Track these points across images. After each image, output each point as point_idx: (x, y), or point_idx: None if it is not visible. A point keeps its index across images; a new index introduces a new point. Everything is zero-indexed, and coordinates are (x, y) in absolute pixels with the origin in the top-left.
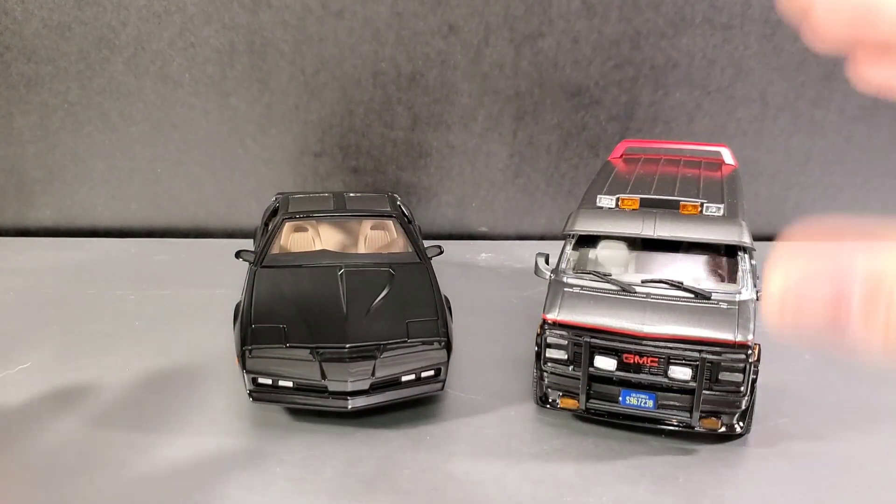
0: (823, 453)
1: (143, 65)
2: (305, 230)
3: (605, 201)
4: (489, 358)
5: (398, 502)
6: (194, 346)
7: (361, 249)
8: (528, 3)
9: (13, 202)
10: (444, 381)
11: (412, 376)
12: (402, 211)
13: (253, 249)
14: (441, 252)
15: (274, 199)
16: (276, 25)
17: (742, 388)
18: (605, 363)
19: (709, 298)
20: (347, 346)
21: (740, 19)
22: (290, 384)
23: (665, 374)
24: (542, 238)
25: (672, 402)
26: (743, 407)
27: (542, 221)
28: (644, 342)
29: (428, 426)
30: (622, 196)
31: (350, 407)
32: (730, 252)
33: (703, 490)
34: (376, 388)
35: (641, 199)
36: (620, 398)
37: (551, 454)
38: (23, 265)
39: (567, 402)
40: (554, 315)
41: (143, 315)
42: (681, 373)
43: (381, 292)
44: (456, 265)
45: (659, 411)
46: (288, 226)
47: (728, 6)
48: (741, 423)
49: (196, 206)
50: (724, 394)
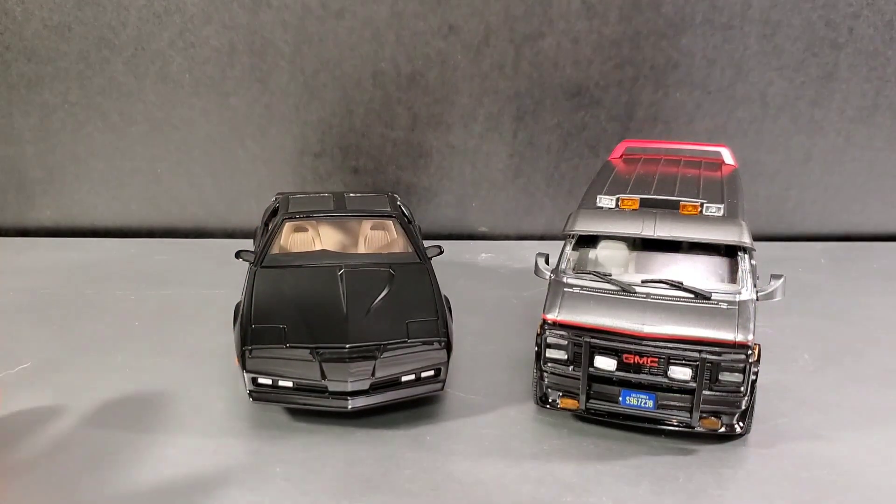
0: (823, 453)
1: (143, 65)
2: (305, 230)
3: (605, 201)
4: (489, 358)
5: (398, 502)
6: (194, 346)
7: (361, 249)
8: (528, 3)
9: (13, 202)
10: (444, 381)
11: (412, 376)
12: (402, 211)
13: (253, 249)
14: (441, 252)
15: (274, 199)
16: (276, 25)
17: (742, 389)
18: (605, 363)
19: (709, 298)
20: (347, 346)
21: (740, 19)
22: (290, 384)
23: (665, 375)
24: (542, 238)
25: (672, 403)
26: (743, 407)
27: (542, 221)
28: (644, 342)
29: (428, 426)
30: (622, 196)
31: (350, 407)
32: (730, 252)
33: (703, 490)
34: (376, 388)
35: (641, 199)
36: (620, 398)
37: (551, 454)
38: (23, 265)
39: (567, 403)
40: (554, 315)
41: (143, 315)
42: (681, 373)
43: (381, 292)
44: (456, 265)
45: (659, 411)
46: (288, 226)
47: (728, 6)
48: (741, 424)
49: (196, 206)
50: (724, 394)
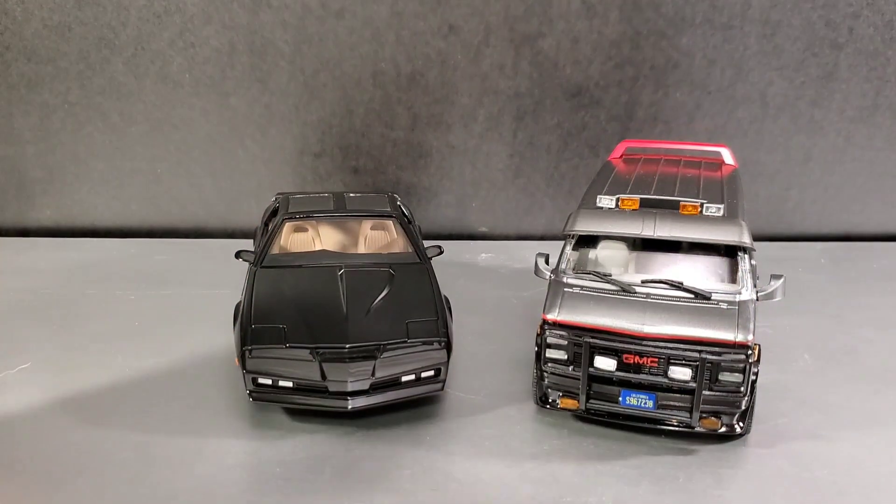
0: (823, 453)
1: (143, 65)
2: (305, 230)
3: (605, 201)
4: (489, 358)
5: (398, 502)
6: (194, 346)
7: (361, 249)
8: (528, 3)
9: (13, 202)
10: (444, 381)
11: (412, 376)
12: (402, 211)
13: (253, 249)
14: (441, 252)
15: (274, 199)
16: (276, 25)
17: (742, 389)
18: (605, 363)
19: (709, 299)
20: (347, 346)
21: (740, 19)
22: (290, 384)
23: (665, 375)
24: (543, 238)
25: (672, 403)
26: (743, 407)
27: (542, 221)
28: (644, 342)
29: (428, 426)
30: (622, 196)
31: (350, 407)
32: (730, 252)
33: (703, 490)
34: (376, 388)
35: (641, 199)
36: (620, 398)
37: (551, 454)
38: (23, 265)
39: (567, 403)
40: (554, 315)
41: (143, 315)
42: (681, 373)
43: (381, 292)
44: (456, 265)
45: (659, 411)
46: (288, 226)
47: (728, 6)
48: (741, 424)
49: (196, 206)
50: (724, 394)
